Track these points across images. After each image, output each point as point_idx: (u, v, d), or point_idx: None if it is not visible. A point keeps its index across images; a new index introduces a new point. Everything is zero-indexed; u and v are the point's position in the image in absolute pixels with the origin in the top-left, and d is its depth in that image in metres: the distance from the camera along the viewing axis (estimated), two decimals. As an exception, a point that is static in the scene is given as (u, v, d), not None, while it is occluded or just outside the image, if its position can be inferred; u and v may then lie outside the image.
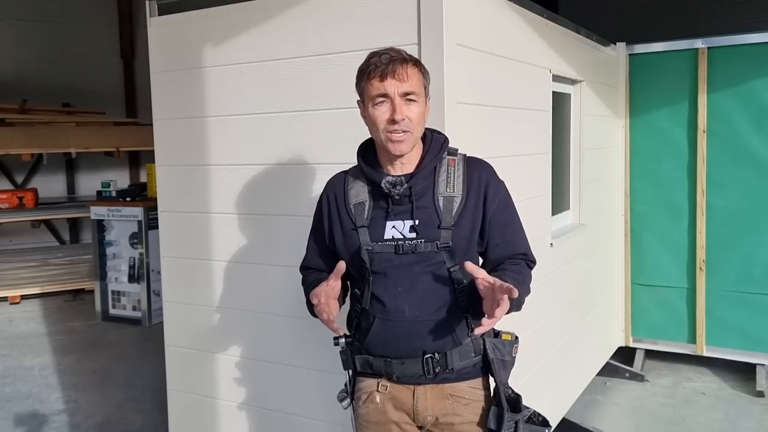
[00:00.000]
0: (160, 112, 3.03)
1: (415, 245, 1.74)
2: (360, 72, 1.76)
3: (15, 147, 7.45)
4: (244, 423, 2.92)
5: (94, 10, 9.36)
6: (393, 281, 1.75)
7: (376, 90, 1.71)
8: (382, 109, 1.71)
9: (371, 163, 1.82)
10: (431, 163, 1.79)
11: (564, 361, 3.60)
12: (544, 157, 3.27)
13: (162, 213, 3.09)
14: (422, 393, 1.80)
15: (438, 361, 1.76)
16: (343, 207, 1.84)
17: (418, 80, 1.74)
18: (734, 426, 3.79)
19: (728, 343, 4.44)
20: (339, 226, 1.84)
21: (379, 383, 1.84)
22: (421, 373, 1.77)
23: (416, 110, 1.72)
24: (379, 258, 1.76)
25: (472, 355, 1.80)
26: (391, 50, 1.74)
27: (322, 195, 1.93)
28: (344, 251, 1.83)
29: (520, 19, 2.97)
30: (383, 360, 1.80)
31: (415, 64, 1.75)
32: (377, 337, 1.79)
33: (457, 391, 1.81)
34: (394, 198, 1.76)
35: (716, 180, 4.37)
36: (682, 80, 4.43)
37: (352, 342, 1.87)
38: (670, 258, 4.57)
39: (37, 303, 6.85)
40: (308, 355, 2.69)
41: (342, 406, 1.93)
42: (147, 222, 5.97)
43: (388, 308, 1.76)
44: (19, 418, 4.05)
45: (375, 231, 1.78)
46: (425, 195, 1.77)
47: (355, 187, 1.84)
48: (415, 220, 1.76)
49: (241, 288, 2.86)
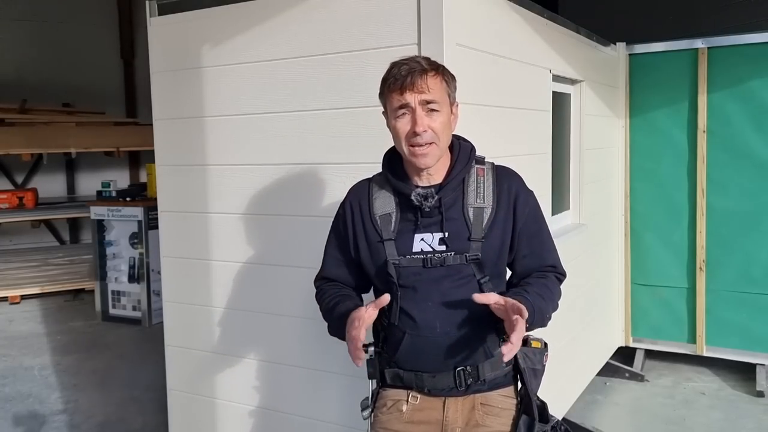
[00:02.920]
0: (160, 112, 3.03)
1: (443, 258, 1.69)
2: (382, 83, 1.72)
3: (15, 147, 7.44)
4: (244, 423, 2.92)
5: (94, 11, 9.35)
6: (423, 296, 1.70)
7: (396, 102, 1.66)
8: (403, 121, 1.67)
9: (398, 174, 1.77)
10: (461, 174, 1.74)
11: (564, 361, 3.60)
12: (544, 157, 3.27)
13: (162, 213, 3.09)
14: (453, 404, 1.76)
15: (470, 373, 1.73)
16: (368, 217, 1.78)
17: (441, 89, 1.68)
18: (734, 426, 3.78)
19: (728, 343, 4.44)
20: (364, 237, 1.78)
21: (410, 394, 1.78)
22: (452, 386, 1.73)
23: (440, 119, 1.67)
24: (407, 272, 1.71)
25: (503, 365, 1.77)
26: (412, 60, 1.68)
27: (344, 202, 1.86)
28: (369, 264, 1.78)
29: (520, 19, 2.97)
30: (414, 374, 1.75)
31: (437, 71, 1.69)
32: (408, 353, 1.74)
33: (489, 401, 1.78)
34: (424, 211, 1.71)
35: (716, 180, 4.37)
36: (682, 80, 4.43)
37: (381, 354, 1.81)
38: (670, 258, 4.57)
39: (37, 303, 6.84)
40: (308, 355, 2.69)
41: (362, 416, 1.86)
42: (147, 222, 5.97)
43: (419, 324, 1.71)
44: (19, 418, 4.05)
45: (402, 244, 1.72)
46: (454, 206, 1.73)
47: (381, 198, 1.78)
48: (444, 232, 1.70)
49: (241, 288, 2.86)
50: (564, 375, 3.62)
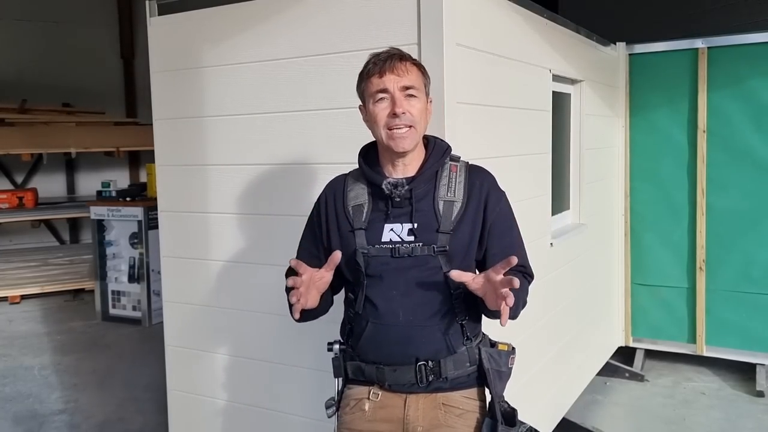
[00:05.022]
0: (160, 112, 3.03)
1: (411, 249, 1.71)
2: (360, 75, 1.76)
3: (15, 147, 7.45)
4: (245, 423, 2.92)
5: (94, 10, 9.36)
6: (388, 285, 1.72)
7: (375, 86, 1.70)
8: (382, 105, 1.70)
9: (372, 165, 1.81)
10: (433, 167, 1.77)
11: (564, 360, 3.60)
12: (544, 156, 3.27)
13: (162, 213, 3.09)
14: (414, 401, 1.75)
15: (431, 369, 1.72)
16: (341, 208, 1.81)
17: (418, 77, 1.73)
18: (734, 426, 3.79)
19: (728, 343, 4.44)
20: (336, 227, 1.81)
21: (371, 391, 1.78)
22: (413, 381, 1.73)
23: (417, 105, 1.71)
24: (375, 261, 1.73)
25: (467, 365, 1.76)
26: (391, 49, 1.74)
27: (320, 196, 1.91)
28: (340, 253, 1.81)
29: (520, 18, 2.97)
30: (375, 367, 1.75)
31: (415, 62, 1.75)
32: (370, 342, 1.75)
33: (450, 401, 1.76)
34: (395, 200, 1.73)
35: (716, 180, 4.37)
36: (682, 80, 4.44)
37: (345, 349, 1.83)
38: (670, 258, 4.57)
39: (37, 303, 6.85)
40: (309, 355, 2.69)
41: (327, 414, 1.87)
42: (147, 222, 5.97)
43: (382, 312, 1.72)
44: (19, 418, 4.05)
45: (372, 233, 1.75)
46: (425, 198, 1.75)
47: (355, 189, 1.81)
48: (414, 223, 1.73)
49: (241, 288, 2.86)
50: (564, 375, 3.62)
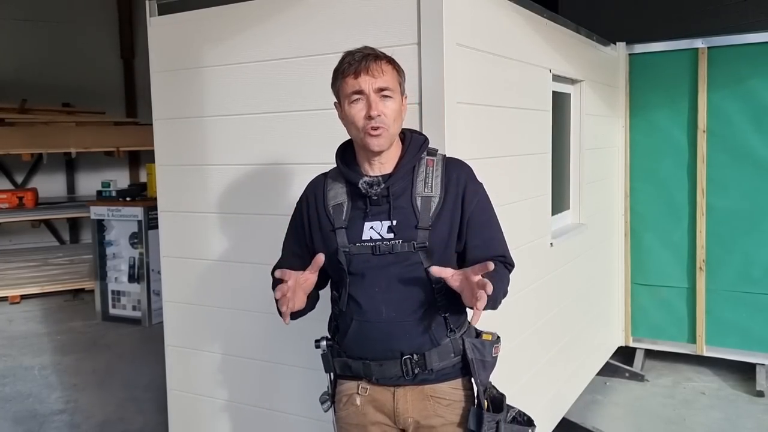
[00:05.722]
0: (160, 112, 3.03)
1: (392, 246, 1.73)
2: (334, 73, 1.76)
3: (15, 147, 7.45)
4: (245, 422, 2.92)
5: (94, 10, 9.36)
6: (370, 282, 1.74)
7: (350, 87, 1.70)
8: (358, 107, 1.71)
9: (349, 164, 1.82)
10: (409, 163, 1.78)
11: (564, 360, 3.60)
12: (544, 156, 3.27)
13: (162, 213, 3.09)
14: (402, 394, 1.79)
15: (416, 362, 1.75)
16: (322, 208, 1.83)
17: (393, 77, 1.73)
18: (734, 426, 3.79)
19: (728, 343, 4.44)
20: (318, 227, 1.83)
21: (359, 385, 1.83)
22: (400, 375, 1.76)
23: (392, 106, 1.71)
24: (357, 259, 1.75)
25: (452, 356, 1.79)
26: (365, 48, 1.74)
27: (302, 196, 1.93)
28: (323, 253, 1.81)
29: (521, 18, 2.98)
30: (362, 362, 1.79)
31: (389, 61, 1.75)
32: (355, 339, 1.78)
33: (438, 392, 1.80)
34: (372, 198, 1.75)
35: (716, 180, 4.37)
36: (682, 80, 4.44)
37: (332, 345, 1.87)
38: (670, 258, 4.57)
39: (37, 303, 6.85)
40: (309, 355, 2.68)
41: (322, 409, 1.92)
42: (147, 222, 5.97)
43: (365, 309, 1.75)
44: (19, 418, 4.05)
45: (353, 232, 1.76)
46: (403, 195, 1.76)
47: (334, 189, 1.83)
48: (392, 220, 1.74)
49: (241, 288, 2.86)
50: (564, 375, 3.62)
